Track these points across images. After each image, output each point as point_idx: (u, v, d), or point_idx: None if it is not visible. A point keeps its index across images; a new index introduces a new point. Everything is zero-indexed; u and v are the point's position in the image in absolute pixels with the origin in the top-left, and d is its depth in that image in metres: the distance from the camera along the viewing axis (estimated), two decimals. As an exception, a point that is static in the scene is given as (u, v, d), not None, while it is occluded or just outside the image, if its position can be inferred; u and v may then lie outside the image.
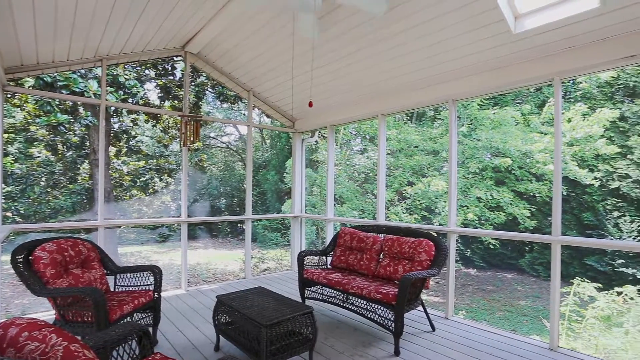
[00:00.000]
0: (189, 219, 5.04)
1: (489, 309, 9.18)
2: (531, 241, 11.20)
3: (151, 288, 3.14)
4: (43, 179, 9.82)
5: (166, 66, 9.19)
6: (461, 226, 9.18)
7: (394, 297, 2.95)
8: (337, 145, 12.24)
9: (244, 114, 16.54)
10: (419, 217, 10.41)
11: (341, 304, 3.57)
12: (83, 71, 7.22)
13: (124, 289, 3.23)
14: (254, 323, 2.43)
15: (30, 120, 8.61)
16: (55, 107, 7.42)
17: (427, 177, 10.08)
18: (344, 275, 3.75)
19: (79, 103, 8.36)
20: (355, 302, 3.43)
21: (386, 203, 10.31)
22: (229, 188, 17.33)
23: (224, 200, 16.93)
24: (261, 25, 3.94)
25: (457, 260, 11.75)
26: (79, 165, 10.48)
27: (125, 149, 10.48)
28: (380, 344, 3.14)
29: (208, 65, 5.09)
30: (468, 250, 12.22)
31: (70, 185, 9.84)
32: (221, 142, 18.64)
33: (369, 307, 3.25)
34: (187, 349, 3.01)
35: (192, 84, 9.58)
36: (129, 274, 3.28)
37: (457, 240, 12.08)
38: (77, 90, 6.47)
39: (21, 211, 9.03)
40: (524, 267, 11.57)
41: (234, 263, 11.93)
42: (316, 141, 8.79)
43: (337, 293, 3.69)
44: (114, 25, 3.51)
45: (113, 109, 9.55)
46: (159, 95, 9.29)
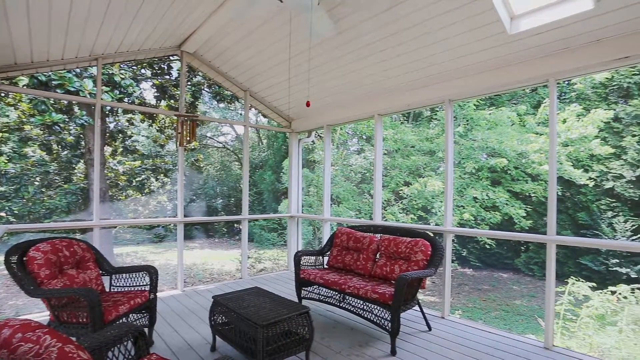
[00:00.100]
0: (185, 219, 5.03)
1: (484, 309, 9.22)
2: (526, 241, 11.28)
3: (147, 288, 3.13)
4: (37, 178, 9.74)
5: (162, 65, 9.14)
6: (457, 226, 9.22)
7: (390, 297, 2.96)
8: (334, 145, 12.25)
9: (241, 114, 16.51)
10: (415, 217, 10.44)
11: (338, 304, 3.58)
12: (78, 70, 7.17)
13: (119, 290, 3.21)
14: (250, 323, 2.43)
15: (24, 120, 8.54)
16: (49, 107, 7.36)
17: (424, 177, 10.12)
18: (340, 275, 3.76)
19: (74, 102, 8.29)
20: (351, 302, 3.43)
21: (383, 203, 10.34)
22: (225, 188, 17.29)
23: (221, 200, 16.89)
24: (257, 25, 3.93)
25: (454, 260, 11.82)
26: (74, 165, 10.40)
27: (121, 149, 10.42)
28: (376, 344, 3.15)
29: (204, 64, 5.07)
30: (464, 250, 12.28)
31: (65, 185, 9.76)
32: (218, 142, 18.59)
33: (365, 307, 3.26)
34: (183, 349, 2.99)
35: (189, 83, 9.54)
36: (124, 275, 3.26)
37: (454, 240, 12.10)
38: (72, 89, 6.42)
39: (15, 211, 8.94)
40: (519, 267, 11.65)
41: (231, 263, 11.90)
42: (313, 141, 8.77)
43: (334, 293, 3.69)
44: (110, 24, 3.49)
45: (109, 108, 9.50)
46: (155, 94, 9.24)
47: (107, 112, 9.53)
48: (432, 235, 3.73)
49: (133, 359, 1.89)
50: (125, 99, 8.24)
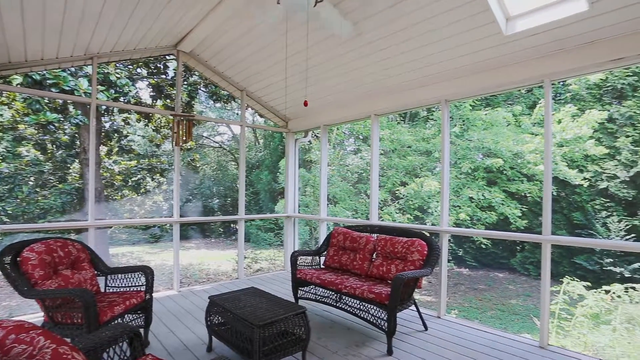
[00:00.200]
0: (181, 219, 5.00)
1: (480, 308, 9.27)
2: (522, 241, 11.36)
3: (143, 289, 3.11)
4: (32, 178, 9.64)
5: (158, 65, 9.10)
6: (453, 226, 9.26)
7: (386, 297, 2.96)
8: (331, 145, 12.26)
9: (237, 114, 16.47)
10: (411, 217, 10.47)
11: (334, 304, 3.58)
12: (73, 69, 7.11)
13: (115, 290, 3.19)
14: (246, 323, 2.42)
15: (18, 119, 8.46)
16: (44, 106, 7.30)
17: (420, 177, 10.15)
18: (337, 275, 3.76)
19: (69, 101, 8.23)
20: (348, 302, 3.43)
21: (379, 203, 10.36)
22: (221, 188, 17.24)
23: (217, 200, 16.84)
24: (254, 25, 3.92)
25: (450, 260, 11.86)
26: (69, 165, 10.31)
27: (116, 148, 10.35)
28: (373, 344, 3.15)
29: (201, 64, 5.05)
30: (460, 249, 12.33)
31: (60, 185, 9.67)
32: (214, 142, 18.54)
33: (362, 307, 3.26)
34: (179, 350, 2.98)
35: (185, 83, 9.50)
36: (120, 275, 3.24)
37: (450, 240, 12.20)
38: (67, 88, 6.37)
39: (9, 211, 8.85)
40: (515, 267, 11.72)
41: (227, 263, 11.87)
42: (309, 141, 8.77)
43: (330, 293, 3.69)
44: (105, 23, 3.47)
45: (104, 107, 9.43)
46: (151, 94, 9.20)
47: (103, 112, 9.47)
48: (429, 235, 3.74)
49: (128, 360, 1.88)
50: (121, 99, 8.19)
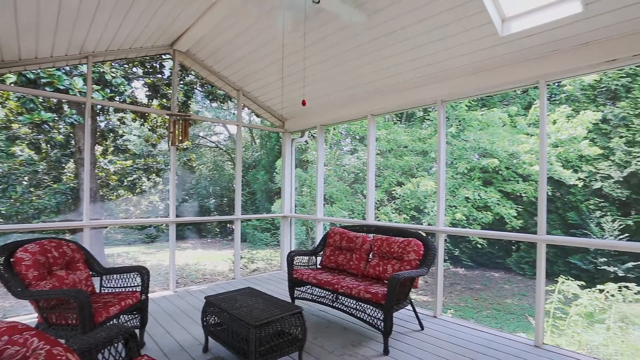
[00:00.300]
0: (177, 219, 4.98)
1: (476, 308, 9.31)
2: (517, 240, 11.41)
3: (138, 289, 3.09)
4: (26, 178, 9.55)
5: (154, 64, 9.04)
6: (450, 226, 9.29)
7: (383, 297, 2.97)
8: (327, 145, 12.26)
9: (234, 114, 16.42)
10: (408, 217, 10.50)
11: (331, 304, 3.58)
12: (68, 68, 7.06)
13: (110, 291, 3.17)
14: (242, 324, 2.42)
15: (12, 118, 8.38)
16: (38, 105, 7.23)
17: (416, 178, 10.18)
18: (333, 275, 3.76)
19: (63, 101, 8.16)
20: (344, 302, 3.43)
21: (375, 203, 10.37)
22: (218, 188, 17.18)
23: (213, 200, 16.78)
24: (250, 24, 3.91)
25: (446, 260, 11.92)
26: (63, 165, 10.23)
27: (112, 148, 10.28)
28: (369, 343, 3.16)
29: (197, 63, 5.04)
30: (456, 249, 12.38)
31: (55, 185, 9.59)
32: (210, 142, 18.47)
33: (358, 307, 3.26)
34: (175, 350, 2.97)
35: (181, 82, 9.46)
36: (115, 275, 3.22)
37: (446, 240, 12.19)
38: (62, 87, 6.32)
39: (2, 211, 8.77)
40: (510, 266, 11.78)
41: (223, 263, 11.83)
42: (306, 141, 8.77)
43: (327, 293, 3.69)
44: (100, 21, 3.44)
45: (99, 107, 9.36)
46: (147, 93, 9.14)
47: (98, 111, 9.39)
48: (425, 235, 3.75)
49: (123, 361, 1.87)
50: (117, 98, 8.14)
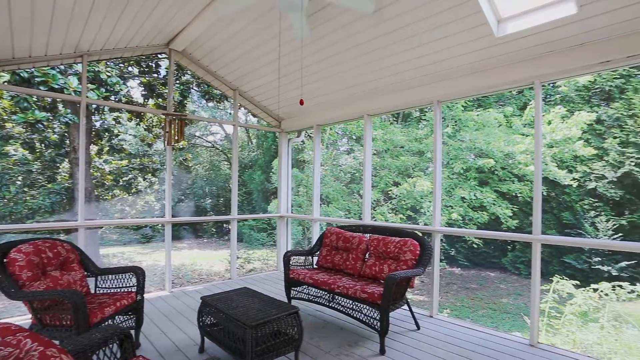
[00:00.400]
0: (173, 219, 4.96)
1: (472, 307, 9.36)
2: (513, 240, 11.45)
3: (134, 290, 3.07)
4: (19, 178, 9.47)
5: (150, 63, 9.00)
6: (446, 226, 9.33)
7: (379, 297, 2.97)
8: (324, 145, 12.26)
9: (230, 113, 16.37)
10: (404, 217, 10.52)
11: (327, 304, 3.58)
12: (62, 67, 7.00)
13: (105, 291, 3.15)
14: (239, 324, 2.41)
15: (5, 117, 8.30)
16: (32, 104, 7.17)
17: (413, 178, 10.21)
18: (329, 275, 3.76)
19: (58, 100, 8.10)
20: (341, 302, 3.44)
21: (372, 203, 10.40)
22: (214, 188, 17.13)
23: (210, 200, 16.72)
24: (247, 24, 3.90)
25: (442, 260, 11.94)
26: (58, 164, 10.15)
27: (107, 148, 10.21)
28: (366, 343, 3.16)
29: (193, 63, 5.02)
30: (452, 249, 12.44)
31: (49, 185, 9.51)
32: (207, 142, 18.41)
33: (354, 307, 3.26)
34: (171, 351, 2.95)
35: (177, 82, 9.42)
36: (110, 276, 3.19)
37: (442, 240, 12.28)
38: (56, 86, 6.27)
39: (-4, 212, 8.70)
40: (506, 266, 11.85)
41: (220, 264, 11.79)
42: (302, 141, 8.77)
43: (323, 293, 3.69)
44: (95, 20, 3.42)
45: (94, 106, 9.30)
46: (143, 93, 9.10)
47: (93, 111, 9.33)
48: (421, 235, 3.76)
49: (119, 362, 1.85)
50: (112, 97, 8.09)
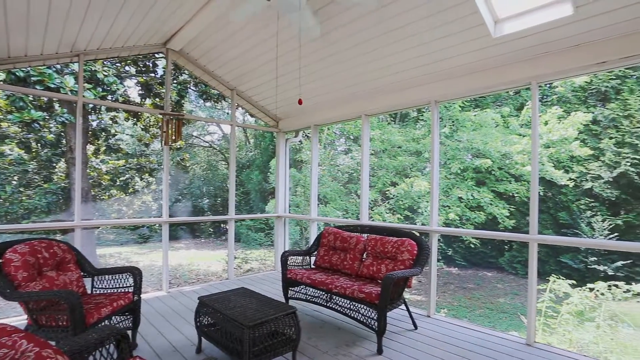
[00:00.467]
0: (171, 219, 4.95)
1: (469, 307, 9.38)
2: (510, 240, 11.51)
3: (131, 290, 3.06)
4: (15, 177, 9.41)
5: (147, 63, 8.96)
6: (443, 226, 9.35)
7: (376, 296, 2.98)
8: (321, 145, 12.26)
9: (228, 113, 16.34)
10: (401, 217, 10.54)
11: (325, 304, 3.58)
12: (59, 66, 6.96)
13: (102, 292, 3.14)
14: (236, 324, 2.40)
15: (1, 117, 8.24)
16: (28, 103, 7.13)
17: (410, 178, 10.23)
18: (327, 275, 3.76)
19: (54, 99, 8.05)
20: (338, 302, 3.44)
21: (370, 203, 10.40)
22: (212, 188, 17.09)
23: (207, 200, 16.69)
24: (245, 23, 3.90)
25: (439, 259, 11.99)
26: (54, 164, 10.09)
27: (104, 148, 10.17)
28: (363, 343, 3.16)
29: (190, 63, 5.00)
30: (450, 249, 12.47)
31: (45, 185, 9.45)
32: (204, 141, 18.36)
33: (352, 307, 3.27)
34: (168, 351, 2.95)
35: (174, 81, 9.39)
36: (107, 276, 3.18)
37: (439, 240, 12.32)
38: (53, 86, 6.23)
39: (-9, 211, 8.64)
40: (503, 266, 11.90)
41: (217, 264, 11.77)
42: (300, 141, 8.76)
43: (321, 293, 3.69)
44: (92, 20, 3.40)
45: (91, 106, 9.25)
46: (140, 92, 9.06)
47: (90, 110, 9.28)
48: (418, 234, 3.77)
49: (115, 363, 1.84)
50: (109, 97, 8.05)
